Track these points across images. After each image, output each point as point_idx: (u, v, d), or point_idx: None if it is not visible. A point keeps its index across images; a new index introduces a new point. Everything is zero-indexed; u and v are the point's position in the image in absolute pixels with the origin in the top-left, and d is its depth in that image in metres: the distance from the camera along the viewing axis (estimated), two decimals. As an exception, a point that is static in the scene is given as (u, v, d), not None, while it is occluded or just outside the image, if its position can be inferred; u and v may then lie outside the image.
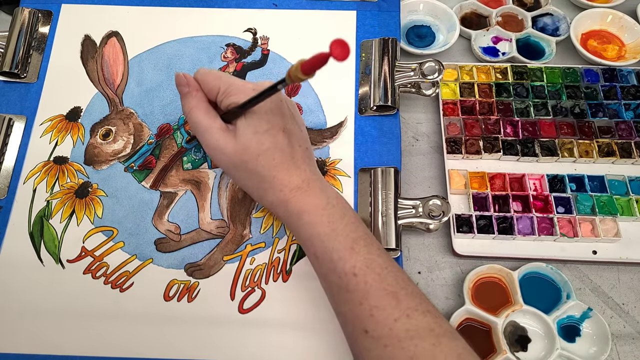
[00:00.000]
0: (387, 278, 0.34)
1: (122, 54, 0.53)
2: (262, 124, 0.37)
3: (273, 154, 0.37)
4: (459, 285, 0.45)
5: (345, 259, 0.34)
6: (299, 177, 0.37)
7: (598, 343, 0.42)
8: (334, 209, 0.37)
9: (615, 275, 0.46)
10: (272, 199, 0.38)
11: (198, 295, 0.43)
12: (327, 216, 0.36)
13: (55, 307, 0.42)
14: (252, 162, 0.37)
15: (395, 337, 0.32)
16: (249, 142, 0.37)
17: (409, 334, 0.32)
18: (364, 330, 0.33)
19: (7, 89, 0.51)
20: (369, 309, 0.33)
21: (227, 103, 0.38)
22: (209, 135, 0.38)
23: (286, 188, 0.37)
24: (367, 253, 0.35)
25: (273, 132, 0.37)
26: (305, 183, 0.37)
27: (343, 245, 0.35)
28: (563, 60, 0.58)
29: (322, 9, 0.55)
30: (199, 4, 0.55)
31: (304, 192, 0.37)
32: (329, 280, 0.36)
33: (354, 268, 0.34)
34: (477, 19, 0.61)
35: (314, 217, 0.36)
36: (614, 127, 0.52)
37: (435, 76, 0.49)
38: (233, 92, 0.38)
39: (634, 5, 0.60)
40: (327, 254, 0.35)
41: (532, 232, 0.47)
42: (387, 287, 0.33)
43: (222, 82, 0.38)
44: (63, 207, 0.46)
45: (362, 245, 0.35)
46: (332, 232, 0.35)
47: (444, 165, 0.50)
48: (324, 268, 0.36)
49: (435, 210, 0.44)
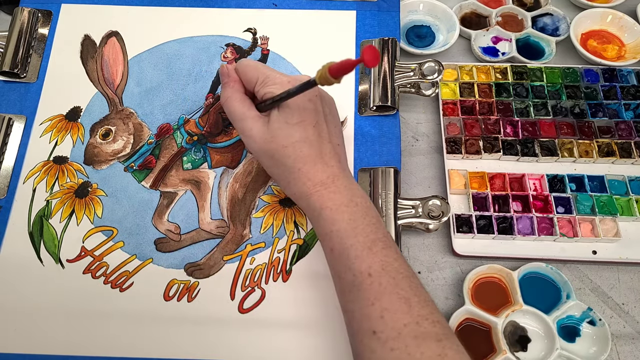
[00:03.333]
0: (401, 283, 0.34)
1: (121, 53, 0.53)
2: (293, 116, 0.38)
3: (301, 146, 0.38)
4: (459, 285, 0.45)
5: (362, 258, 0.34)
6: (324, 173, 0.38)
7: (598, 343, 0.42)
8: (357, 207, 0.37)
9: (615, 275, 0.46)
10: (295, 190, 0.38)
11: (198, 295, 0.43)
12: (349, 214, 0.36)
13: (55, 307, 0.42)
14: (280, 152, 0.38)
15: (402, 342, 0.32)
16: (278, 132, 0.38)
17: (416, 341, 0.32)
18: (372, 331, 0.33)
19: (7, 89, 0.51)
20: (380, 311, 0.33)
21: (263, 93, 0.39)
22: (243, 123, 0.40)
23: (310, 182, 0.37)
24: (384, 256, 0.35)
25: (304, 126, 0.38)
26: (330, 179, 0.38)
27: (362, 244, 0.35)
28: (563, 60, 0.58)
29: (322, 9, 0.55)
30: (199, 4, 0.55)
31: (328, 188, 0.37)
32: (342, 277, 0.36)
33: (369, 268, 0.34)
34: (477, 19, 0.61)
35: (335, 214, 0.36)
36: (613, 127, 0.52)
37: (435, 76, 0.49)
38: (269, 82, 0.39)
39: (634, 5, 0.60)
40: (344, 251, 0.35)
41: (532, 232, 0.47)
42: (400, 292, 0.33)
43: (260, 73, 0.40)
44: (63, 207, 0.46)
45: (380, 247, 0.35)
46: (352, 230, 0.36)
47: (443, 165, 0.50)
48: (339, 264, 0.36)
49: (435, 210, 0.44)
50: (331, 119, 0.41)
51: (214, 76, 0.52)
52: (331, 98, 0.43)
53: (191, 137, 0.49)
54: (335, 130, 0.41)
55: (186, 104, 0.50)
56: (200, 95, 0.51)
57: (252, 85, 0.41)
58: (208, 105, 0.50)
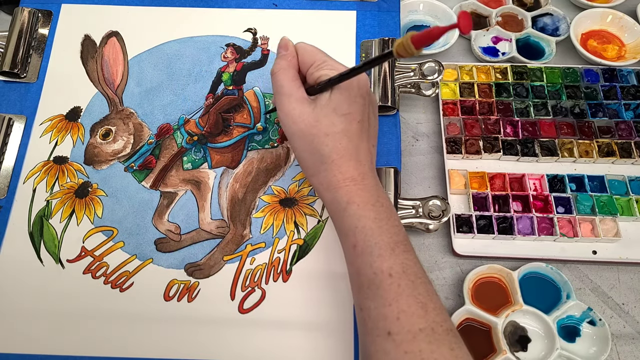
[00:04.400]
0: (419, 287, 0.34)
1: (122, 53, 0.53)
2: (343, 106, 0.37)
3: (341, 138, 0.37)
4: (459, 285, 0.45)
5: (385, 257, 0.35)
6: (356, 170, 0.38)
7: (598, 343, 0.42)
8: (382, 208, 0.37)
9: (615, 275, 0.46)
10: (323, 180, 0.38)
11: (198, 295, 0.43)
12: (375, 213, 0.36)
13: (55, 307, 0.42)
14: (319, 139, 0.37)
15: (417, 346, 0.32)
16: (323, 119, 0.37)
17: (430, 347, 0.32)
18: (388, 331, 0.33)
19: (7, 89, 0.51)
20: (397, 312, 0.33)
21: (318, 75, 0.38)
22: (288, 100, 0.38)
23: (341, 175, 0.37)
24: (405, 259, 0.35)
25: (349, 119, 0.38)
26: (360, 177, 0.37)
27: (386, 244, 0.35)
28: (563, 60, 0.58)
29: (322, 9, 0.55)
30: (199, 4, 0.55)
31: (357, 185, 0.37)
32: (362, 274, 0.35)
33: (390, 269, 0.34)
34: (477, 19, 0.61)
35: (362, 211, 0.36)
36: (613, 127, 0.52)
37: (435, 76, 0.49)
38: (326, 67, 0.38)
39: (634, 5, 0.60)
40: (367, 248, 0.35)
41: (532, 232, 0.47)
42: (418, 296, 0.34)
43: (317, 57, 0.39)
44: (63, 207, 0.46)
45: (402, 249, 0.35)
46: (377, 229, 0.36)
47: (444, 165, 0.50)
48: (360, 261, 0.36)
49: (435, 210, 0.44)
50: (373, 120, 0.41)
51: (214, 76, 0.52)
52: (376, 101, 0.42)
53: (191, 137, 0.49)
54: (373, 132, 0.41)
55: (186, 104, 0.50)
56: (201, 96, 0.51)
57: (306, 67, 0.40)
58: (208, 106, 0.50)
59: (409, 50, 0.30)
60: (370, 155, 0.39)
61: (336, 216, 0.38)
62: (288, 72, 0.39)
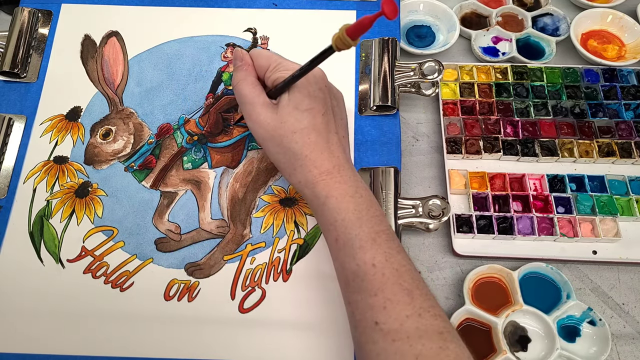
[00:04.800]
0: (404, 275, 0.34)
1: (122, 53, 0.53)
2: (303, 103, 0.38)
3: (309, 133, 0.38)
4: (459, 285, 0.45)
5: (366, 248, 0.35)
6: (330, 162, 0.38)
7: (598, 343, 0.42)
8: (362, 199, 0.37)
9: (615, 275, 0.46)
10: (300, 178, 0.38)
11: (198, 295, 0.43)
12: (354, 204, 0.36)
13: (55, 307, 0.42)
14: (288, 138, 0.38)
15: (404, 333, 0.32)
16: (288, 117, 0.38)
17: (418, 333, 0.32)
18: (375, 321, 0.33)
19: (7, 89, 0.51)
20: (383, 301, 0.33)
21: (274, 78, 0.39)
22: (252, 107, 0.39)
23: (316, 170, 0.37)
24: (388, 247, 0.35)
25: (313, 113, 0.38)
26: (336, 169, 0.38)
27: (366, 234, 0.35)
28: (563, 60, 0.58)
29: (322, 8, 0.55)
30: (199, 4, 0.55)
31: (334, 178, 0.37)
32: (346, 267, 0.36)
33: (373, 259, 0.34)
34: (477, 19, 0.61)
35: (341, 204, 0.36)
36: (614, 127, 0.52)
37: (435, 76, 0.49)
38: (281, 68, 0.40)
39: (634, 5, 0.60)
40: (348, 241, 0.35)
41: (532, 232, 0.47)
42: (403, 284, 0.34)
43: (272, 60, 0.41)
44: (63, 207, 0.46)
45: (384, 239, 0.35)
46: (357, 221, 0.36)
47: (444, 165, 0.50)
48: (342, 254, 0.36)
49: (435, 210, 0.44)
50: (338, 112, 0.41)
51: (214, 76, 0.52)
52: (339, 92, 0.43)
53: (191, 137, 0.49)
54: (341, 123, 0.41)
55: (186, 104, 0.50)
56: (201, 95, 0.51)
57: (263, 72, 0.41)
58: (208, 105, 0.50)
59: (346, 42, 0.31)
60: (341, 146, 0.40)
61: (317, 211, 0.38)
62: (248, 81, 0.41)
